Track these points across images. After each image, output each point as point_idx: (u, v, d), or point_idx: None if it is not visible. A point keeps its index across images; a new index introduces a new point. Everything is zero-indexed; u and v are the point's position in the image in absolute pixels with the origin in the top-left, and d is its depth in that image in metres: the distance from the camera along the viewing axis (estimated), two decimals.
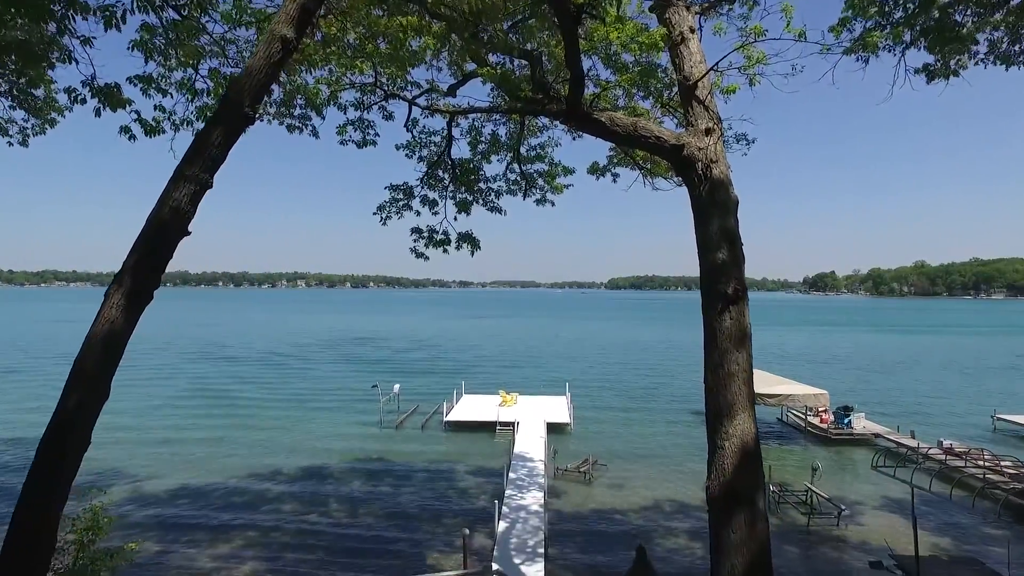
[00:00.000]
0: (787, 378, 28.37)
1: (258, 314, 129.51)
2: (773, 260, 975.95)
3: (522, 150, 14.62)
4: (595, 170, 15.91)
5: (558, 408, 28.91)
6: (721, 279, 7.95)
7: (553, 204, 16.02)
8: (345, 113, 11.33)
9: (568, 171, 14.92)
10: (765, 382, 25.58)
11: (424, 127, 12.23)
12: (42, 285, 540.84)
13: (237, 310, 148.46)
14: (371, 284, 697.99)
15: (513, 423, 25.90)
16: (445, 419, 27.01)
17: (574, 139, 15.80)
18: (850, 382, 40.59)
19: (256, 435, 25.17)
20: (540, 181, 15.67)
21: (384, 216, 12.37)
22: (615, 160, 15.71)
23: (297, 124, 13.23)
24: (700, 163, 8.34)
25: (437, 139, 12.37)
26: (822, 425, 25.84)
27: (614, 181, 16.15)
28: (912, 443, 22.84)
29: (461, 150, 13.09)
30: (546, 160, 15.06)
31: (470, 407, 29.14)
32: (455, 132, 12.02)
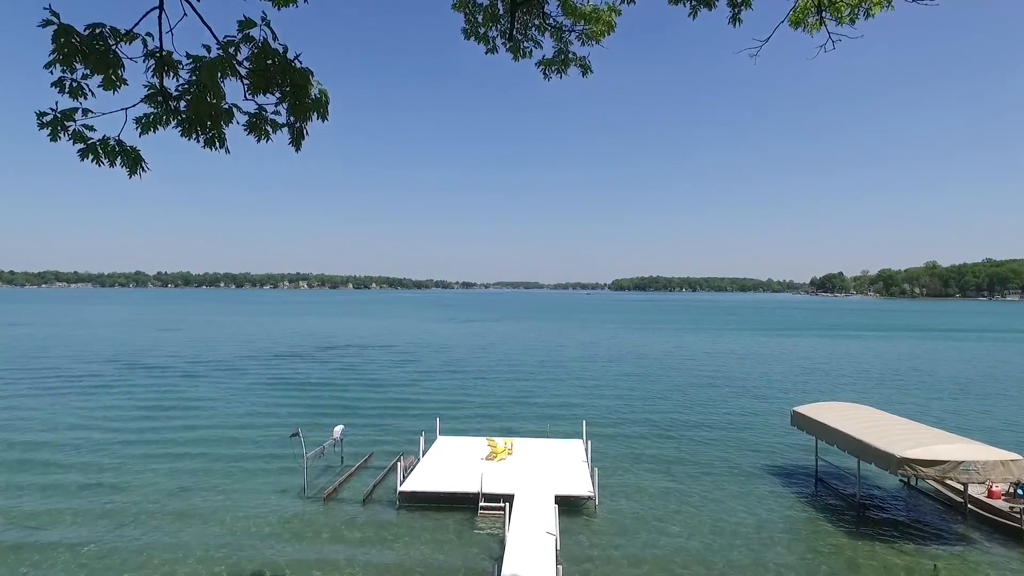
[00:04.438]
0: (917, 422, 18.85)
1: (234, 316, 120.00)
2: (777, 261, 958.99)
3: None
4: None
5: (572, 467, 19.40)
6: None
7: (586, 70, 6.58)
8: None
9: None
10: (908, 436, 16.05)
11: None
12: (43, 286, 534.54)
13: (218, 312, 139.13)
14: (373, 285, 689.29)
15: (505, 499, 16.50)
16: (400, 488, 17.49)
17: None
18: (942, 411, 30.97)
19: (65, 531, 15.68)
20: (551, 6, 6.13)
21: None
22: None
23: None
24: None
25: None
26: (995, 503, 16.26)
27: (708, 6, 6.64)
28: None
29: None
30: None
31: (443, 463, 19.65)
32: None
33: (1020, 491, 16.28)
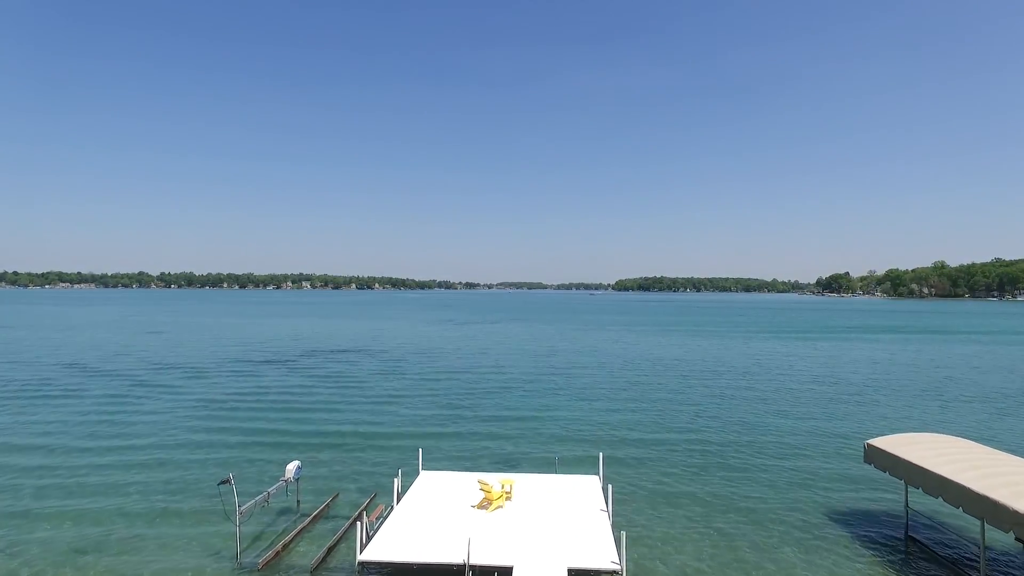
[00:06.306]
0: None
1: (227, 317, 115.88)
2: (782, 261, 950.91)
3: None
4: None
5: (589, 520, 14.96)
6: None
7: None
8: None
9: None
10: None
11: None
12: (46, 287, 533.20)
13: (212, 313, 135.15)
14: (376, 285, 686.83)
15: (500, 574, 12.14)
16: (361, 556, 13.13)
17: None
18: (1019, 435, 26.54)
19: None
20: None
21: None
22: None
23: None
24: None
25: None
26: None
27: None
28: None
29: None
30: None
31: (421, 516, 15.25)
32: None
33: None
